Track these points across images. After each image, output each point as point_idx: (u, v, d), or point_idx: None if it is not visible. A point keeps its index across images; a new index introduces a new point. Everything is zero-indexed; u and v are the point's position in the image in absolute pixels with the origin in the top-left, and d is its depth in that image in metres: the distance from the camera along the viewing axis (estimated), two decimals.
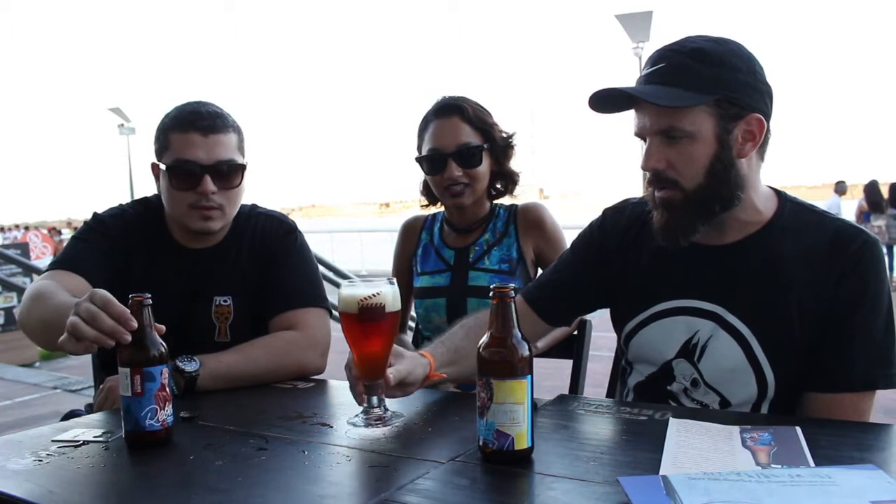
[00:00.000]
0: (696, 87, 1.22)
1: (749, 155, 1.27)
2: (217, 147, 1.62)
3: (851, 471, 0.90)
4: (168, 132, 1.64)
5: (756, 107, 1.25)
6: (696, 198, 1.26)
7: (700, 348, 1.34)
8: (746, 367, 1.30)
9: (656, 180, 1.29)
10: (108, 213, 1.76)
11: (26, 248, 8.81)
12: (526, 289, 1.58)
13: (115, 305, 1.16)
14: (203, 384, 1.50)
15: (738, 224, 1.32)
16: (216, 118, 1.63)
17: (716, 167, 1.25)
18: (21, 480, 1.04)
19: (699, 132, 1.23)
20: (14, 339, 7.29)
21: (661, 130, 1.25)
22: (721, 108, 1.23)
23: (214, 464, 1.07)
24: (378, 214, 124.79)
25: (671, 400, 1.39)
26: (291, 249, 1.77)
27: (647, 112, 1.27)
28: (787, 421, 1.16)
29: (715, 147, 1.24)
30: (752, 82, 1.25)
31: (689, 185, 1.26)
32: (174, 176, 1.62)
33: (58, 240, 15.94)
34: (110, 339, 1.15)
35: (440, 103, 1.96)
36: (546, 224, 2.00)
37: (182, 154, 1.61)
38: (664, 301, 1.38)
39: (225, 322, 1.69)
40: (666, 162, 1.26)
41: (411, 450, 1.11)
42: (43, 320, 1.45)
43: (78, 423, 1.34)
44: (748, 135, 1.25)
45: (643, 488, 0.87)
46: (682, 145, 1.24)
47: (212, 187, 1.60)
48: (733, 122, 1.24)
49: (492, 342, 1.02)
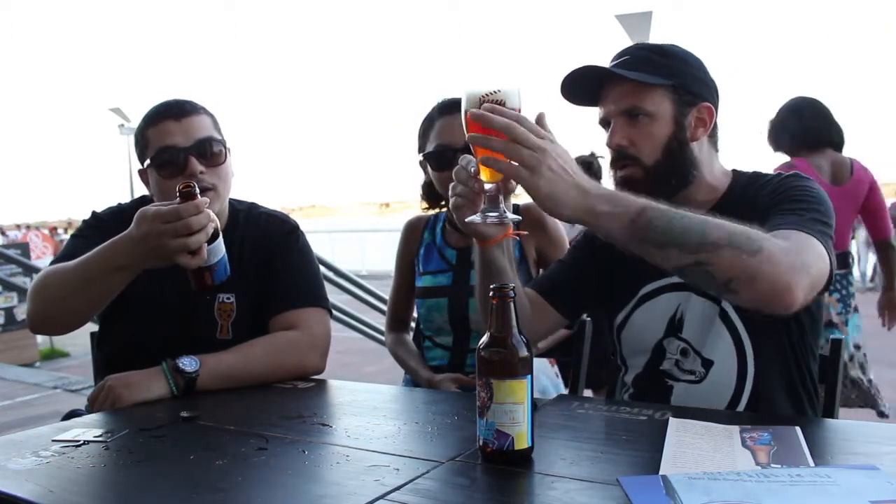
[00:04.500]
0: (656, 73, 1.36)
1: (700, 139, 1.39)
2: (193, 128, 1.63)
3: (851, 471, 0.90)
4: (144, 132, 1.66)
5: (706, 97, 1.39)
6: (654, 173, 1.37)
7: (679, 320, 1.41)
8: (721, 328, 1.37)
9: (618, 158, 1.40)
10: (106, 211, 1.76)
11: (26, 248, 8.81)
12: (538, 282, 1.60)
13: (185, 207, 1.29)
14: (203, 384, 1.50)
15: (696, 203, 1.38)
16: (184, 104, 1.66)
17: (672, 145, 1.37)
18: (21, 480, 1.04)
19: (658, 112, 1.36)
20: (14, 339, 7.30)
21: (624, 110, 1.37)
22: (677, 93, 1.37)
23: (214, 464, 1.07)
24: (378, 214, 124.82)
25: (668, 379, 1.42)
26: (293, 249, 1.77)
27: (612, 96, 1.39)
28: (788, 421, 1.16)
29: (672, 127, 1.37)
30: (702, 77, 1.41)
31: (648, 161, 1.37)
32: (159, 167, 1.62)
33: (58, 240, 15.95)
34: (210, 227, 1.32)
35: (445, 102, 1.96)
36: (548, 224, 2.00)
37: (161, 143, 1.61)
38: (644, 285, 1.45)
39: (227, 319, 1.69)
40: (628, 140, 1.37)
41: (411, 450, 1.11)
42: (78, 277, 1.43)
43: (78, 423, 1.34)
44: (699, 121, 1.39)
45: (643, 488, 0.87)
46: (642, 124, 1.37)
47: (199, 167, 1.60)
48: (687, 108, 1.38)
49: (492, 342, 1.02)
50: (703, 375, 1.39)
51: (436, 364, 1.97)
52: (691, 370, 1.40)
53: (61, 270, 1.47)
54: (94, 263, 1.40)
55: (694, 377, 1.40)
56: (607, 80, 1.40)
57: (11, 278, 7.01)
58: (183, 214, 1.29)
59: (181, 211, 1.29)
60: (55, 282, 1.48)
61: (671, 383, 1.42)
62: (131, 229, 1.34)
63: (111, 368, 1.58)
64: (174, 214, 1.29)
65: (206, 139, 1.63)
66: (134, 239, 1.33)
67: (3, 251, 6.54)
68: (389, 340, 2.13)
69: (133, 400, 1.44)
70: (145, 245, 1.32)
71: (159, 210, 1.31)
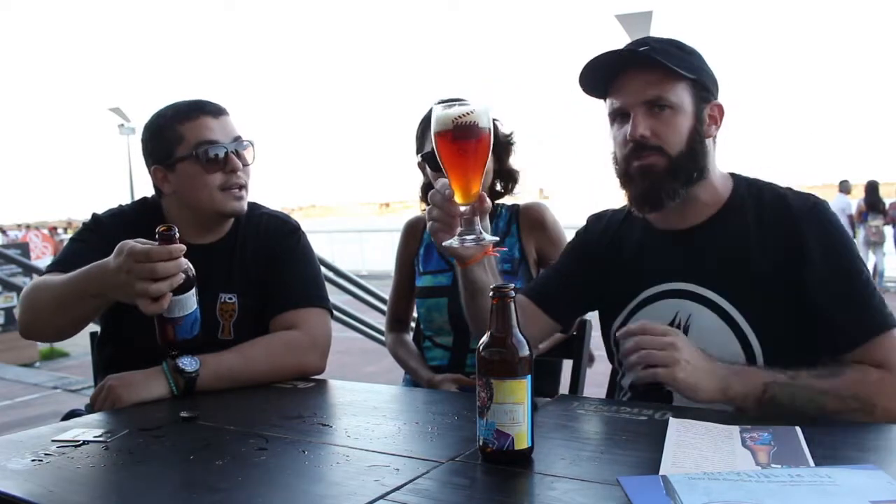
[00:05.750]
0: (679, 66, 1.34)
1: (712, 136, 1.40)
2: (229, 127, 1.68)
3: (851, 471, 0.90)
4: (175, 125, 1.65)
5: (716, 96, 1.41)
6: (677, 163, 1.36)
7: (684, 328, 1.39)
8: (731, 337, 1.35)
9: (639, 148, 1.36)
10: (106, 213, 1.76)
11: (26, 248, 8.82)
12: (529, 288, 1.59)
13: (156, 251, 1.26)
14: (203, 384, 1.50)
15: (699, 206, 1.41)
16: (216, 103, 1.69)
17: (694, 139, 1.37)
18: (21, 480, 1.04)
19: (682, 104, 1.36)
20: (14, 339, 7.29)
21: (648, 101, 1.35)
22: (697, 89, 1.37)
23: (214, 464, 1.07)
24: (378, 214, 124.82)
25: (666, 388, 1.40)
26: (295, 249, 1.77)
27: (632, 86, 1.37)
28: (787, 421, 1.16)
29: (693, 121, 1.37)
30: (713, 76, 1.41)
31: (672, 152, 1.36)
32: (201, 160, 1.63)
33: (58, 240, 15.94)
34: (178, 278, 1.28)
35: (443, 102, 1.95)
36: (548, 224, 2.00)
37: (202, 137, 1.63)
38: (643, 290, 1.45)
39: (229, 320, 1.69)
40: (651, 130, 1.35)
41: (411, 450, 1.11)
42: (56, 298, 1.44)
43: (78, 423, 1.34)
44: (713, 119, 1.40)
45: (643, 488, 0.87)
46: (666, 115, 1.35)
47: (239, 164, 1.65)
48: (704, 104, 1.38)
49: (492, 342, 1.02)
50: None
51: (436, 364, 1.98)
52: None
53: (48, 286, 1.48)
54: (71, 287, 1.40)
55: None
56: (630, 68, 1.37)
57: (11, 278, 7.02)
58: (153, 258, 1.26)
59: (152, 254, 1.26)
60: (41, 296, 1.49)
61: (670, 389, 1.40)
62: (110, 258, 1.32)
63: (111, 368, 1.58)
64: (145, 256, 1.26)
65: (240, 138, 1.68)
66: (109, 270, 1.31)
67: (3, 251, 6.54)
68: (389, 340, 2.14)
69: (133, 400, 1.44)
70: (116, 278, 1.29)
71: (134, 247, 1.28)
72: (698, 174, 1.37)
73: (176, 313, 1.32)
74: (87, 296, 1.40)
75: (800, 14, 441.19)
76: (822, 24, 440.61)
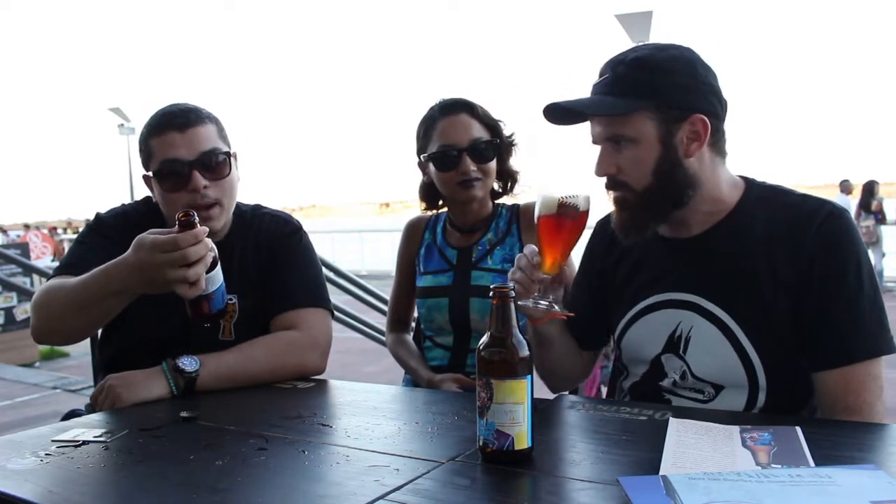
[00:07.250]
0: (633, 94, 1.29)
1: (696, 153, 1.32)
2: (196, 140, 1.60)
3: (851, 471, 0.90)
4: (148, 140, 1.63)
5: (698, 107, 1.30)
6: (646, 197, 1.33)
7: (684, 340, 1.37)
8: (730, 352, 1.32)
9: (609, 184, 1.37)
10: (109, 213, 1.76)
11: (26, 247, 8.82)
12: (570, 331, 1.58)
13: (182, 237, 1.27)
14: (203, 384, 1.50)
15: (701, 216, 1.38)
16: (189, 113, 1.63)
17: (662, 168, 1.31)
18: (21, 480, 1.04)
19: (641, 136, 1.30)
20: (14, 339, 7.30)
21: (608, 138, 1.34)
22: (662, 112, 1.29)
23: (214, 464, 1.07)
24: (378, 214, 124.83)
25: (665, 394, 1.40)
26: (295, 249, 1.77)
27: (595, 122, 1.36)
28: (788, 421, 1.16)
29: (659, 150, 1.30)
30: (691, 84, 1.30)
31: (637, 187, 1.33)
32: (162, 179, 1.61)
33: (58, 239, 15.94)
34: (209, 258, 1.30)
35: (446, 102, 1.95)
36: None
37: (164, 155, 1.59)
38: (645, 298, 1.43)
39: (230, 320, 1.69)
40: (616, 167, 1.34)
41: (411, 450, 1.11)
42: (75, 300, 1.43)
43: (78, 423, 1.34)
44: (693, 135, 1.31)
45: (643, 488, 0.87)
46: (628, 150, 1.32)
47: (202, 182, 1.59)
48: (676, 125, 1.30)
49: (492, 342, 1.02)
50: (713, 396, 1.35)
51: (436, 364, 1.97)
52: (700, 389, 1.36)
53: (62, 288, 1.47)
54: (91, 287, 1.39)
55: (703, 396, 1.36)
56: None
57: (11, 278, 7.01)
58: (181, 245, 1.26)
59: (179, 241, 1.26)
60: (55, 299, 1.48)
61: (669, 397, 1.40)
62: (128, 254, 1.32)
63: (112, 368, 1.58)
64: (172, 244, 1.27)
65: (210, 151, 1.61)
66: (130, 266, 1.31)
67: (3, 251, 6.54)
68: (390, 340, 2.13)
69: (133, 399, 1.44)
70: (142, 274, 1.30)
71: (157, 239, 1.28)
72: (674, 202, 1.34)
73: (210, 289, 1.35)
74: (109, 294, 1.38)
75: (800, 14, 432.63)
76: (822, 24, 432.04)
